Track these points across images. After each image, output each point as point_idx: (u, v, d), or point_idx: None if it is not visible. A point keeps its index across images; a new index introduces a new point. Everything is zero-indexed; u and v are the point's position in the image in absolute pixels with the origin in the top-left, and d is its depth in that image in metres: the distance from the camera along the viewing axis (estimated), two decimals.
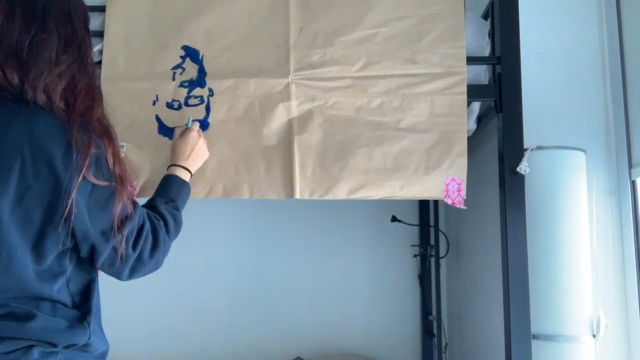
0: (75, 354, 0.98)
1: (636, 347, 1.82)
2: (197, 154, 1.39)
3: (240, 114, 1.54)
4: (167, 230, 1.15)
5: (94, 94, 1.00)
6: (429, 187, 1.51)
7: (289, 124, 1.53)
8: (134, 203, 1.04)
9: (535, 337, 1.57)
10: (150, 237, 1.07)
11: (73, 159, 0.90)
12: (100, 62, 1.57)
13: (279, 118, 1.53)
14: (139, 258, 1.05)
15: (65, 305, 0.97)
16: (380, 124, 1.53)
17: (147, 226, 1.07)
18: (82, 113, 0.95)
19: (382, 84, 1.54)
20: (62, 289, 0.97)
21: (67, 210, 0.90)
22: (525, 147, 1.56)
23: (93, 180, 0.92)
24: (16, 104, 0.92)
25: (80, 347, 0.98)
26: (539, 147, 1.68)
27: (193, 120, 1.46)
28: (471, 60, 1.57)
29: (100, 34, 1.59)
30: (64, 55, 0.96)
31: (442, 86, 1.53)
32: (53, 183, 0.90)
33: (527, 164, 1.52)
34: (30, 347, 0.91)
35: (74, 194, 0.90)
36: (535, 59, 1.97)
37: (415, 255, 2.59)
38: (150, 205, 1.19)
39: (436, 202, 2.39)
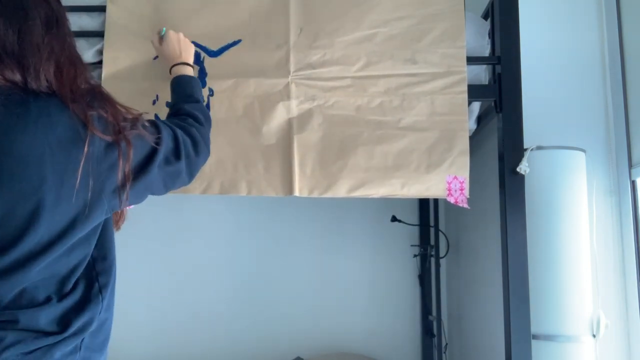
0: (92, 349, 0.96)
1: (636, 347, 1.82)
2: (185, 45, 1.42)
3: (240, 114, 1.54)
4: (199, 122, 1.21)
5: (75, 62, 1.00)
6: (431, 186, 1.51)
7: (289, 123, 1.54)
8: (155, 125, 1.06)
9: (535, 337, 1.57)
10: (187, 139, 1.12)
11: (80, 130, 0.90)
12: (100, 62, 1.57)
13: (278, 117, 1.53)
14: (188, 160, 1.10)
15: (85, 275, 0.96)
16: (380, 123, 1.53)
17: (179, 133, 1.10)
18: (70, 84, 0.94)
19: (382, 84, 1.54)
20: (86, 259, 0.96)
21: (99, 177, 0.91)
22: (525, 147, 1.56)
23: (105, 138, 0.92)
24: (27, 96, 0.91)
25: (95, 329, 0.96)
26: (539, 147, 1.69)
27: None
28: (471, 60, 1.57)
29: (100, 34, 1.59)
30: (47, 37, 0.96)
31: (442, 85, 1.53)
32: (80, 157, 0.89)
33: (527, 164, 1.52)
34: (51, 346, 0.90)
35: (98, 159, 0.91)
36: (535, 59, 1.98)
37: (415, 255, 2.59)
38: (174, 112, 1.25)
39: (436, 201, 2.39)
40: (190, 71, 1.39)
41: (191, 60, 1.43)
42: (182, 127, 1.14)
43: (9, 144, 0.86)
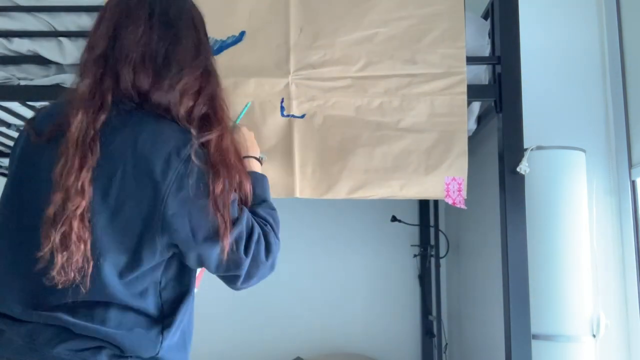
0: None
1: (636, 347, 1.82)
2: (252, 142, 1.32)
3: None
4: (274, 232, 1.13)
5: (217, 104, 1.04)
6: (429, 187, 1.51)
7: (289, 123, 1.53)
8: (242, 208, 1.03)
9: (535, 337, 1.57)
10: (262, 241, 1.06)
11: (174, 169, 0.92)
12: None
13: (278, 118, 1.53)
14: (254, 261, 1.03)
15: (147, 314, 0.97)
16: (380, 124, 1.53)
17: (257, 231, 1.05)
18: (200, 125, 0.98)
19: (382, 84, 1.54)
20: (150, 298, 0.97)
21: (163, 220, 0.91)
22: (525, 147, 1.56)
23: (193, 190, 0.93)
24: (128, 113, 0.95)
25: None
26: (539, 147, 1.68)
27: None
28: (471, 60, 1.57)
29: None
30: (196, 60, 1.01)
31: (442, 86, 1.53)
32: (152, 192, 0.91)
33: (527, 164, 1.52)
34: (100, 347, 0.92)
35: (170, 203, 0.91)
36: (535, 58, 1.97)
37: (415, 255, 2.59)
38: (250, 212, 1.14)
39: (436, 202, 2.39)
40: (258, 167, 1.29)
41: (257, 154, 1.33)
42: (261, 228, 1.08)
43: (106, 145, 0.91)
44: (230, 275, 1.03)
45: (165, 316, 0.99)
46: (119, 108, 0.95)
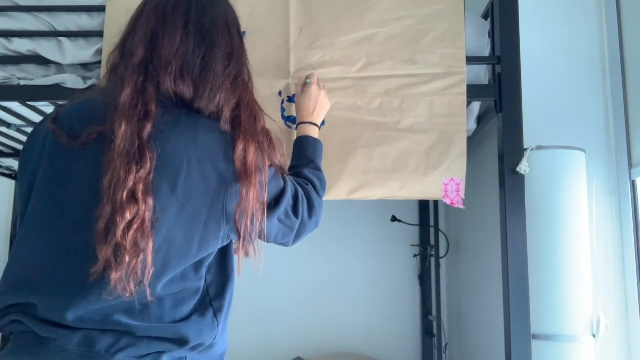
0: (199, 358, 0.99)
1: (636, 347, 1.82)
2: (320, 106, 1.40)
3: None
4: (317, 191, 1.22)
5: (256, 106, 1.07)
6: (428, 188, 1.51)
7: (290, 124, 1.53)
8: (284, 177, 1.10)
9: (535, 337, 1.57)
10: (305, 201, 1.14)
11: (233, 163, 0.96)
12: (100, 62, 1.57)
13: (279, 119, 1.53)
14: (302, 222, 1.13)
15: (200, 299, 0.99)
16: (380, 125, 1.53)
17: (300, 192, 1.13)
18: (247, 126, 1.01)
19: (382, 85, 1.54)
20: (199, 281, 0.99)
21: (226, 208, 0.96)
22: (525, 147, 1.56)
23: (252, 183, 0.97)
24: (180, 111, 0.98)
25: (205, 348, 1.00)
26: (539, 147, 1.68)
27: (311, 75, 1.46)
28: (471, 60, 1.57)
29: (100, 34, 1.59)
30: (229, 69, 1.03)
31: (441, 86, 1.53)
32: (216, 181, 0.95)
33: (527, 164, 1.52)
34: (161, 353, 0.93)
35: (232, 192, 0.96)
36: (535, 59, 1.97)
37: (415, 255, 2.59)
38: (295, 173, 1.25)
39: (436, 202, 2.39)
40: (316, 133, 1.37)
41: (320, 122, 1.40)
42: (303, 188, 1.16)
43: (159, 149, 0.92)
44: (285, 241, 1.14)
45: (213, 300, 1.02)
46: (168, 108, 0.97)
